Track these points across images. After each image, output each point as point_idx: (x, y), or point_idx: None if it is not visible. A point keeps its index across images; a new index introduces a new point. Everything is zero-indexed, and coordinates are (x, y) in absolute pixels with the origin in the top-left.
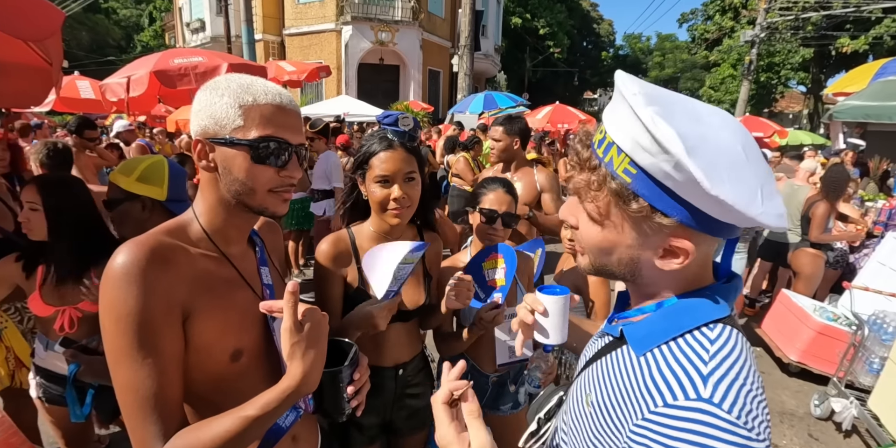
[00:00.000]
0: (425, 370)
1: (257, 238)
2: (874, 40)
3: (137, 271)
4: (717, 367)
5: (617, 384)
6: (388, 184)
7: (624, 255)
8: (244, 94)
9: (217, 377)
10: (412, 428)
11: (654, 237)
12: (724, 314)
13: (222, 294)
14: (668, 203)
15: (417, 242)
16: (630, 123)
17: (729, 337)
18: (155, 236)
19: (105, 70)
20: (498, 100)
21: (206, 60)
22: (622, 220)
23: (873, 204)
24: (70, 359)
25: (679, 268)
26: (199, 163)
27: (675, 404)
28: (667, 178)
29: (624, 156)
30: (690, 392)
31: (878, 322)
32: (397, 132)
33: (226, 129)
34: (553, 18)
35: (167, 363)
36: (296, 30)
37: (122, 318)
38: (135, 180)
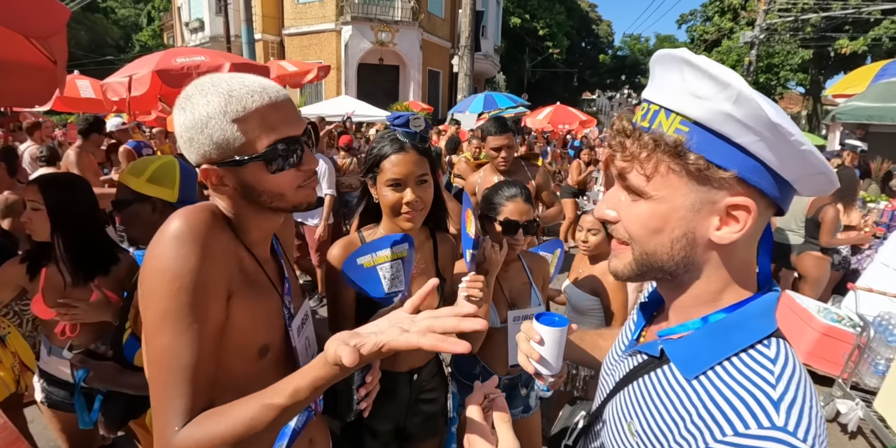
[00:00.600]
0: (439, 375)
1: (274, 238)
2: (873, 42)
3: (197, 233)
4: (786, 390)
5: (667, 411)
6: (401, 187)
7: (677, 230)
8: (230, 106)
9: (241, 372)
10: (426, 434)
11: (712, 198)
12: (774, 328)
13: (252, 285)
14: (726, 154)
15: (387, 236)
16: (679, 80)
17: (787, 354)
18: (203, 208)
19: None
20: (498, 100)
21: (208, 60)
22: (676, 185)
23: (875, 205)
24: (78, 364)
25: (739, 236)
26: (214, 189)
27: (746, 433)
28: (725, 122)
29: (674, 116)
30: (763, 420)
31: (884, 323)
32: (408, 133)
33: (230, 150)
34: (552, 19)
35: (210, 335)
36: (295, 30)
37: (177, 279)
38: (145, 181)
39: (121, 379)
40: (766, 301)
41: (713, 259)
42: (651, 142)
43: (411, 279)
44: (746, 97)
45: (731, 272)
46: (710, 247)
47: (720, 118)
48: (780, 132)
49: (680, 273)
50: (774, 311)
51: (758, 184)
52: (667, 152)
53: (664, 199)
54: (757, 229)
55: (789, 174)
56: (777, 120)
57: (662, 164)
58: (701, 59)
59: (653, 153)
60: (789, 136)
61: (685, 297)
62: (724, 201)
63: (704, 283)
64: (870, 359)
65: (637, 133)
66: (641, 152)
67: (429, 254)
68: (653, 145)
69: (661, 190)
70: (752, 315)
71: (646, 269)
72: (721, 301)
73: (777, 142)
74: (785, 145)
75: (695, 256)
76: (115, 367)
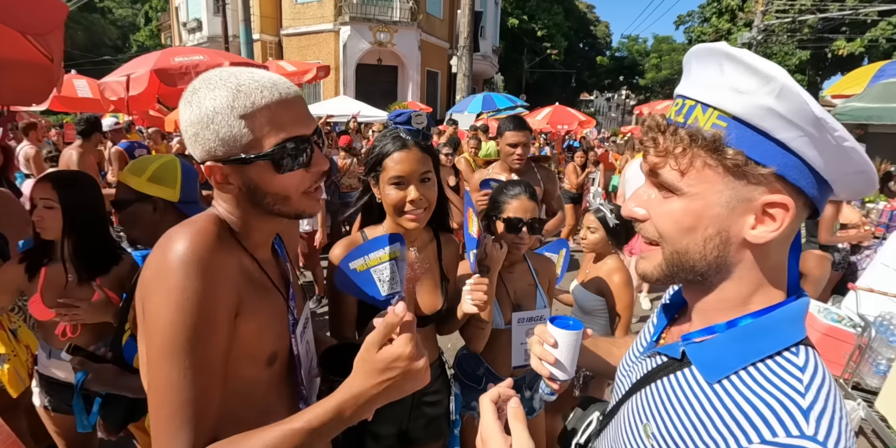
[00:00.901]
0: (442, 377)
1: (277, 237)
2: (870, 43)
3: (207, 257)
4: (816, 399)
5: (687, 415)
6: (404, 185)
7: (711, 228)
8: (238, 101)
9: (251, 381)
10: (429, 436)
11: (748, 195)
12: (803, 336)
13: (260, 294)
14: (765, 150)
15: (377, 238)
16: (718, 74)
17: (816, 363)
18: (207, 224)
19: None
20: (497, 100)
21: (207, 59)
22: (712, 181)
23: (874, 205)
24: (77, 367)
25: (775, 236)
26: (218, 187)
27: (774, 442)
28: (766, 117)
29: (710, 111)
30: (792, 429)
31: (885, 323)
32: (410, 131)
33: (236, 147)
34: (550, 20)
35: (217, 365)
36: (294, 30)
37: (186, 307)
38: (146, 180)
39: (120, 382)
40: (797, 307)
41: (746, 260)
42: (687, 136)
43: (417, 279)
44: (791, 91)
45: (763, 275)
46: (744, 247)
47: (761, 113)
48: (825, 128)
49: (711, 274)
50: (804, 318)
51: (797, 181)
52: (704, 147)
53: (698, 195)
54: (792, 230)
55: (830, 172)
56: (822, 115)
57: (698, 159)
58: (743, 53)
59: (689, 148)
60: (833, 131)
61: (712, 300)
62: (762, 199)
63: (735, 285)
64: (871, 359)
65: (672, 128)
66: (676, 148)
67: (433, 254)
68: (689, 140)
69: (696, 186)
70: (781, 320)
71: (676, 270)
72: (750, 305)
73: (820, 138)
74: (828, 142)
75: (728, 256)
76: (115, 369)
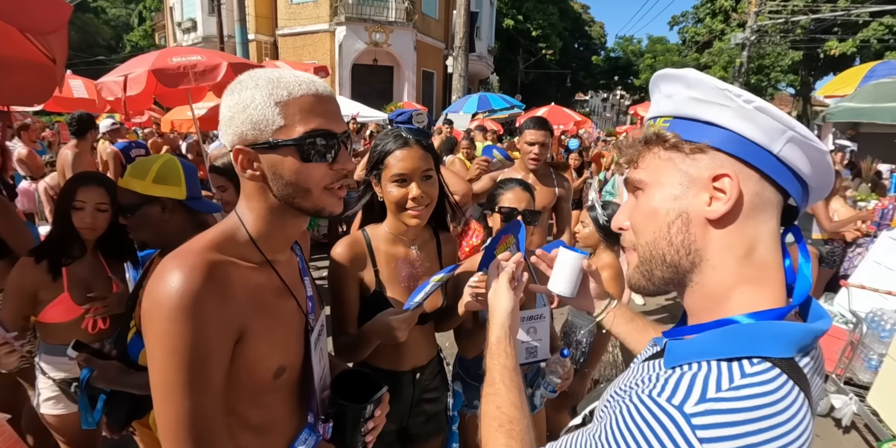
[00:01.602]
0: (441, 374)
1: (296, 245)
2: (862, 43)
3: (195, 302)
4: (731, 400)
5: (637, 382)
6: (406, 183)
7: (672, 213)
8: (277, 90)
9: (256, 394)
10: (429, 433)
11: (696, 173)
12: (782, 354)
13: (272, 310)
14: (699, 130)
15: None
16: (658, 92)
17: (771, 383)
18: (206, 254)
19: (94, 70)
20: (492, 101)
21: (205, 59)
22: (663, 167)
23: (866, 204)
24: (82, 363)
25: (728, 208)
26: (243, 173)
27: (655, 399)
28: (690, 105)
29: (659, 121)
30: (678, 398)
31: (876, 320)
32: (411, 129)
33: (267, 132)
34: (546, 20)
35: (218, 396)
36: (289, 30)
37: (177, 352)
38: (151, 182)
39: (125, 379)
40: (793, 329)
41: (714, 243)
42: (642, 141)
43: (418, 277)
44: (698, 79)
45: (739, 262)
46: (708, 227)
47: (686, 104)
48: (729, 96)
49: (684, 264)
50: (797, 342)
51: (736, 152)
52: (651, 142)
53: (656, 182)
54: (761, 209)
55: (761, 135)
56: (724, 86)
57: (650, 154)
58: (668, 70)
59: (644, 149)
60: (738, 96)
61: (696, 297)
62: (708, 173)
63: (711, 276)
64: (863, 354)
65: (633, 142)
66: (636, 154)
67: (433, 252)
68: (643, 143)
69: (652, 174)
70: (764, 333)
71: (652, 266)
72: (732, 302)
73: (735, 107)
74: (742, 108)
75: (694, 239)
76: (120, 366)
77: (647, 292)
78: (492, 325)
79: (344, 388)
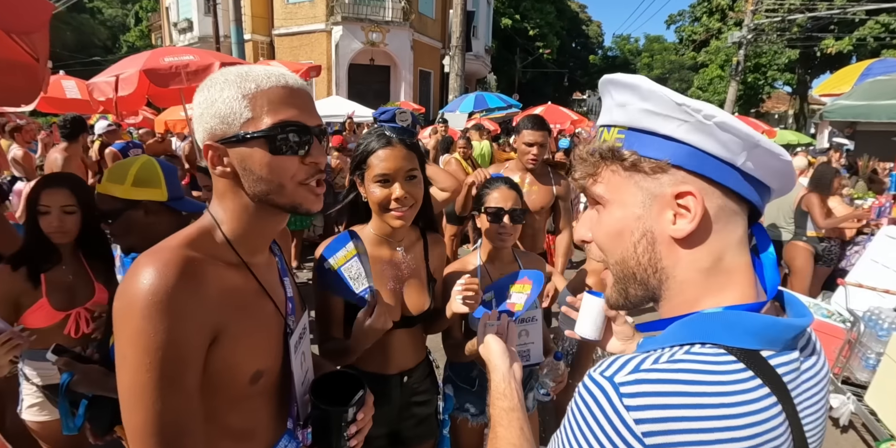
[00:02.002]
0: (430, 377)
1: (275, 245)
2: (858, 42)
3: (169, 299)
4: (662, 370)
5: None
6: (389, 183)
7: (637, 232)
8: (245, 83)
9: (232, 400)
10: (420, 437)
11: (658, 191)
12: (737, 344)
13: (250, 312)
14: (657, 146)
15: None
16: (610, 99)
17: (719, 363)
18: (180, 251)
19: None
20: (489, 100)
21: (197, 59)
22: (623, 185)
23: (863, 202)
24: (63, 368)
25: (694, 225)
26: (213, 170)
27: (591, 375)
28: (645, 117)
29: (612, 130)
30: (610, 370)
31: (874, 318)
32: (395, 128)
33: (234, 126)
34: (543, 20)
35: (192, 399)
36: (285, 30)
37: (150, 352)
38: (131, 186)
39: (108, 383)
40: (751, 317)
41: (681, 260)
42: (597, 154)
43: (404, 279)
44: (652, 91)
45: (706, 275)
46: (673, 245)
47: (640, 116)
48: (688, 111)
49: (653, 283)
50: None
51: (697, 168)
52: (608, 158)
53: (618, 201)
54: (725, 221)
55: (723, 151)
56: (682, 101)
57: (607, 170)
58: (618, 75)
59: (600, 163)
60: (698, 112)
61: (666, 310)
62: (670, 191)
63: (679, 290)
64: (860, 353)
65: (587, 154)
66: (592, 167)
67: (420, 254)
68: (598, 157)
69: (613, 193)
70: (717, 321)
71: (625, 285)
72: (700, 306)
73: (694, 122)
74: (701, 123)
75: (660, 258)
76: (102, 370)
77: (626, 309)
78: (490, 372)
79: (326, 391)
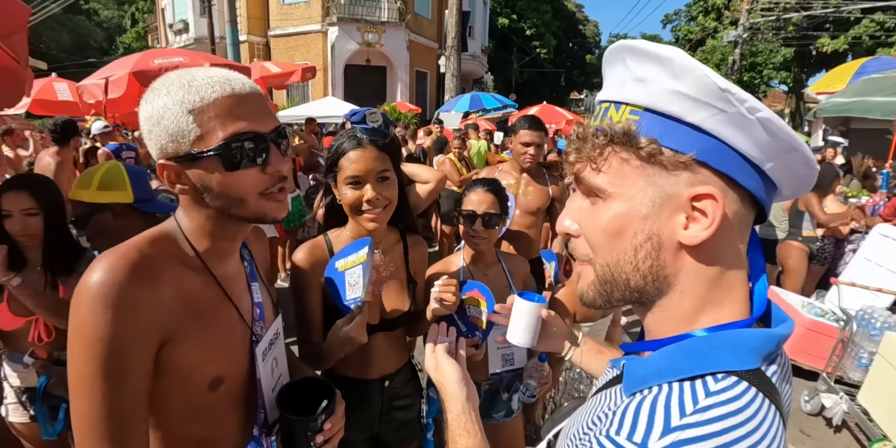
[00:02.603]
0: (413, 380)
1: (245, 250)
2: (853, 40)
3: (116, 292)
4: (698, 424)
5: (593, 414)
6: (360, 185)
7: (640, 234)
8: (188, 95)
9: (191, 407)
10: (401, 440)
11: (672, 190)
12: (747, 366)
13: (207, 317)
14: (681, 136)
15: (360, 239)
16: (624, 69)
17: (739, 398)
18: (137, 248)
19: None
20: (484, 100)
21: (187, 60)
22: (632, 177)
23: (857, 200)
24: (40, 370)
25: (710, 233)
26: (173, 188)
27: (614, 438)
28: (673, 100)
29: (623, 108)
30: (639, 435)
31: (867, 317)
32: (366, 129)
33: (185, 144)
34: (539, 19)
35: (135, 398)
36: (281, 31)
37: (92, 344)
38: (96, 190)
39: None
40: (751, 335)
41: (686, 269)
42: (602, 136)
43: (383, 282)
44: (689, 67)
45: (709, 287)
46: (681, 252)
47: (667, 97)
48: (733, 100)
49: (650, 290)
50: (758, 349)
51: (723, 167)
52: (618, 143)
53: (623, 195)
54: (737, 230)
55: (757, 152)
56: (726, 86)
57: (615, 156)
58: (640, 42)
59: (605, 148)
60: (743, 102)
61: (657, 320)
62: (687, 192)
63: (678, 300)
64: (853, 352)
65: (591, 134)
66: (595, 150)
67: (399, 256)
68: (604, 139)
69: (618, 185)
70: (723, 344)
71: (610, 288)
72: (698, 323)
73: (733, 113)
74: (742, 116)
75: (664, 265)
76: None
77: (598, 308)
78: (446, 402)
79: (296, 398)
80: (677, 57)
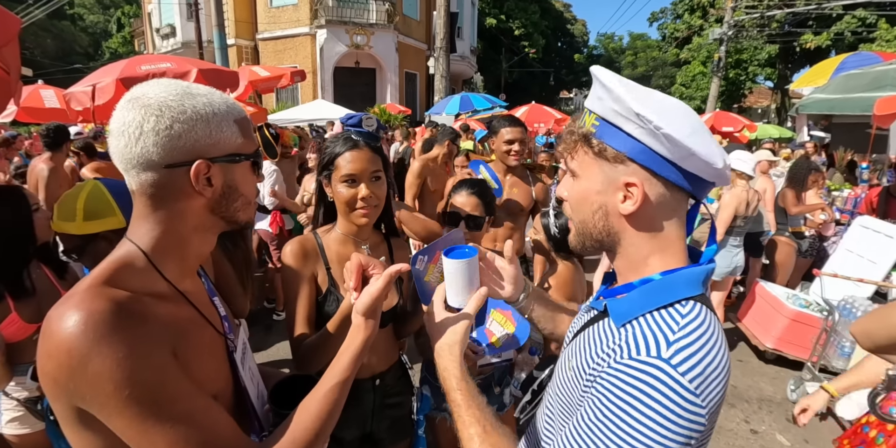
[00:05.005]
0: (404, 378)
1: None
2: (836, 36)
3: (108, 324)
4: (685, 336)
5: (596, 348)
6: (355, 183)
7: (595, 204)
8: (234, 108)
9: None
10: (394, 437)
11: (614, 177)
12: (696, 292)
13: (194, 340)
14: (620, 140)
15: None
16: (596, 86)
17: (700, 313)
18: (99, 291)
19: (72, 78)
20: (474, 101)
21: (174, 66)
22: (589, 166)
23: (839, 193)
24: None
25: (636, 207)
26: (198, 186)
27: (636, 358)
28: (614, 116)
29: (592, 115)
30: (653, 350)
31: (848, 307)
32: (361, 132)
33: (229, 147)
34: (528, 19)
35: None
36: (269, 34)
37: (122, 386)
38: (83, 221)
39: None
40: (694, 272)
41: (629, 229)
42: (574, 136)
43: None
44: (620, 97)
45: (651, 241)
46: (622, 218)
47: (612, 113)
48: (643, 120)
49: (608, 241)
50: (701, 280)
51: (645, 163)
52: (583, 141)
53: (585, 177)
54: (665, 205)
55: (668, 154)
56: (640, 111)
57: (581, 150)
58: (599, 71)
59: (576, 144)
60: (649, 122)
61: (621, 263)
62: (622, 179)
63: (631, 249)
64: (835, 342)
65: (568, 133)
66: (571, 145)
67: (385, 254)
68: (576, 137)
69: (582, 169)
70: (677, 281)
71: (584, 238)
72: (649, 266)
73: (647, 129)
74: (653, 131)
75: (613, 225)
76: None
77: (583, 253)
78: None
79: (285, 397)
80: (615, 87)
